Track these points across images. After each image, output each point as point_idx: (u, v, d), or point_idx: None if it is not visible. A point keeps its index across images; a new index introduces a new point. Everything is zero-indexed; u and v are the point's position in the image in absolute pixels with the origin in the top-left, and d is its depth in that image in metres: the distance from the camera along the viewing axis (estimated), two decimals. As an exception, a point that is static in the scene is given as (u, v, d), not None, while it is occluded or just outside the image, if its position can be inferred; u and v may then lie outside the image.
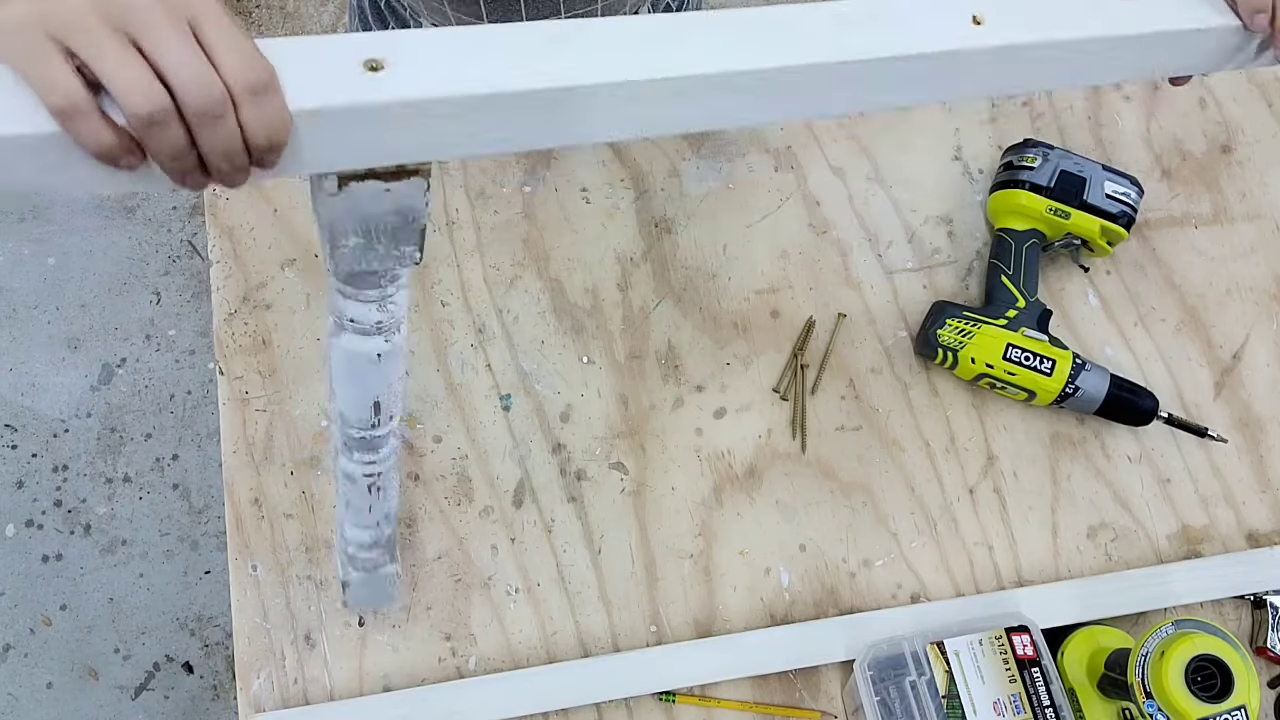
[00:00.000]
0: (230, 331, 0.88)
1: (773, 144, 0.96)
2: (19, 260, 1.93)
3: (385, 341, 0.55)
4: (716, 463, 0.87)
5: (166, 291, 1.92)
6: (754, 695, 0.81)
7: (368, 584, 0.75)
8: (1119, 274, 0.94)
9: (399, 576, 0.78)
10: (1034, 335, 0.86)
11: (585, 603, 0.83)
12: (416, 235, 0.48)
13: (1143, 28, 0.53)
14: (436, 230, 0.92)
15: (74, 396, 1.84)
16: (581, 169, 0.94)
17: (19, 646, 1.72)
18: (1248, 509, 0.88)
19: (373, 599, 0.78)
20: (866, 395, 0.89)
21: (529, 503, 0.85)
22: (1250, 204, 0.97)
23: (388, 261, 0.49)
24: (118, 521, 1.78)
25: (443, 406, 0.87)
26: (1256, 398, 0.91)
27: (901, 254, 0.94)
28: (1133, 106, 0.99)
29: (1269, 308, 0.94)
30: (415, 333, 0.89)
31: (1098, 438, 0.89)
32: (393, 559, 0.75)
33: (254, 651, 0.81)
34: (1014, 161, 0.91)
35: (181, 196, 1.96)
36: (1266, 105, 1.00)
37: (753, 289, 0.92)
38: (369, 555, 0.75)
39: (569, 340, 0.89)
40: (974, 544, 0.86)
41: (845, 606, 0.84)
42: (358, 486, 0.67)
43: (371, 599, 0.78)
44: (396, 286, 0.53)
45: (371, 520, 0.70)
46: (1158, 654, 0.70)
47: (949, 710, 0.73)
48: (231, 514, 0.84)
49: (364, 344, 0.54)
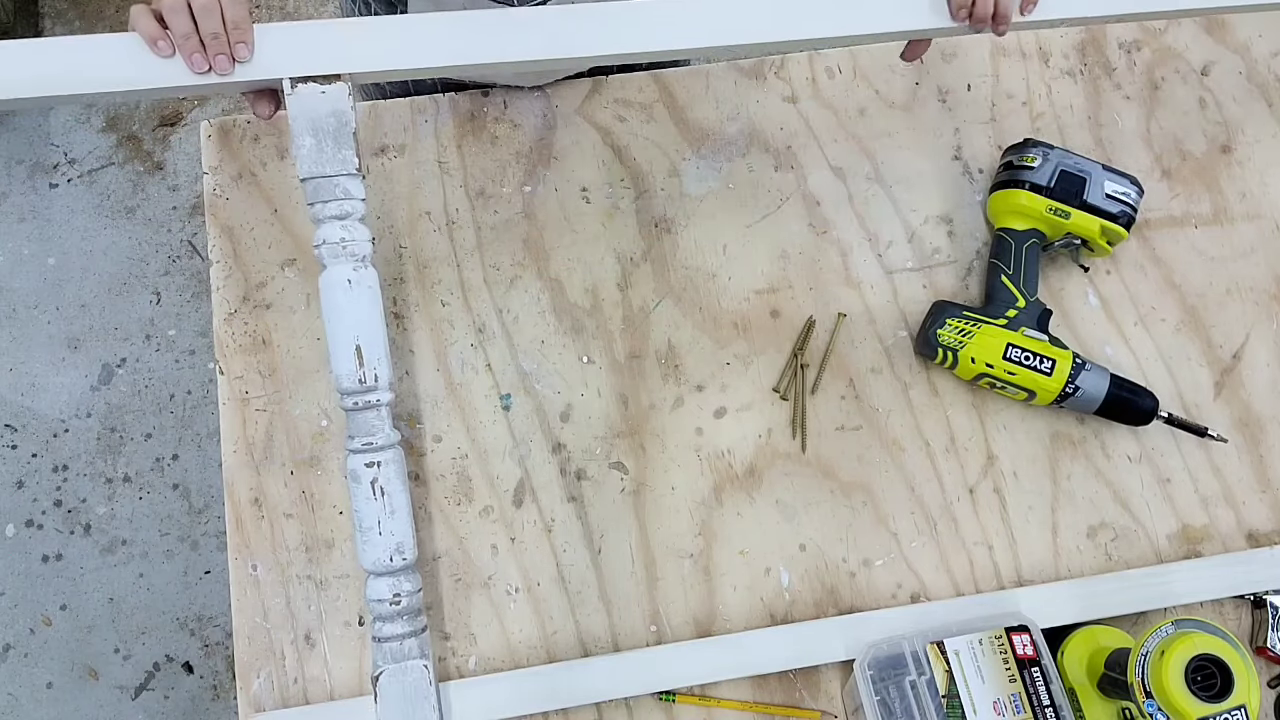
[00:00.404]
0: (230, 331, 0.88)
1: (773, 144, 0.96)
2: (19, 260, 1.93)
3: (354, 270, 0.69)
4: (716, 462, 0.87)
5: (166, 291, 1.92)
6: (754, 695, 0.81)
7: (397, 681, 0.69)
8: (1119, 274, 0.94)
9: (431, 674, 0.71)
10: (1034, 335, 0.86)
11: (585, 602, 0.83)
12: (351, 139, 0.69)
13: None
14: (436, 230, 0.92)
15: (74, 396, 1.84)
16: (582, 169, 0.94)
17: (19, 646, 1.72)
18: (1248, 509, 0.88)
19: (406, 708, 0.69)
20: (866, 395, 0.89)
21: (529, 502, 0.85)
22: (1250, 204, 0.97)
23: (335, 164, 0.68)
24: (118, 521, 1.78)
25: (443, 406, 0.87)
26: (1256, 398, 0.91)
27: (901, 254, 0.94)
28: (1133, 106, 0.99)
29: (1269, 308, 0.94)
30: (415, 333, 0.89)
31: (1098, 438, 0.89)
32: (423, 653, 0.69)
33: (254, 651, 0.81)
34: (1014, 161, 0.90)
35: (181, 196, 1.96)
36: (1266, 105, 1.00)
37: (753, 289, 0.92)
38: (394, 629, 0.70)
39: (569, 340, 0.89)
40: (974, 544, 0.86)
41: (845, 606, 0.84)
42: (362, 488, 0.70)
43: (404, 708, 0.69)
44: (354, 204, 0.70)
45: (385, 550, 0.69)
46: (1158, 654, 0.70)
47: (949, 710, 0.73)
48: (231, 514, 0.84)
49: (338, 272, 0.69)
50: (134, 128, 2.03)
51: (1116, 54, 1.01)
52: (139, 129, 2.02)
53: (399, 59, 0.72)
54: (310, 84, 0.69)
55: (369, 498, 0.70)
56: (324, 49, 0.70)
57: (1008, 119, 0.98)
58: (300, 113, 0.68)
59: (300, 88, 0.68)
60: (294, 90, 0.69)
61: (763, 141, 0.96)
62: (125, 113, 2.04)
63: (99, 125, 2.03)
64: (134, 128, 2.03)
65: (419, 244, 0.91)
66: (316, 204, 0.69)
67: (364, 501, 0.70)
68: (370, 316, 0.70)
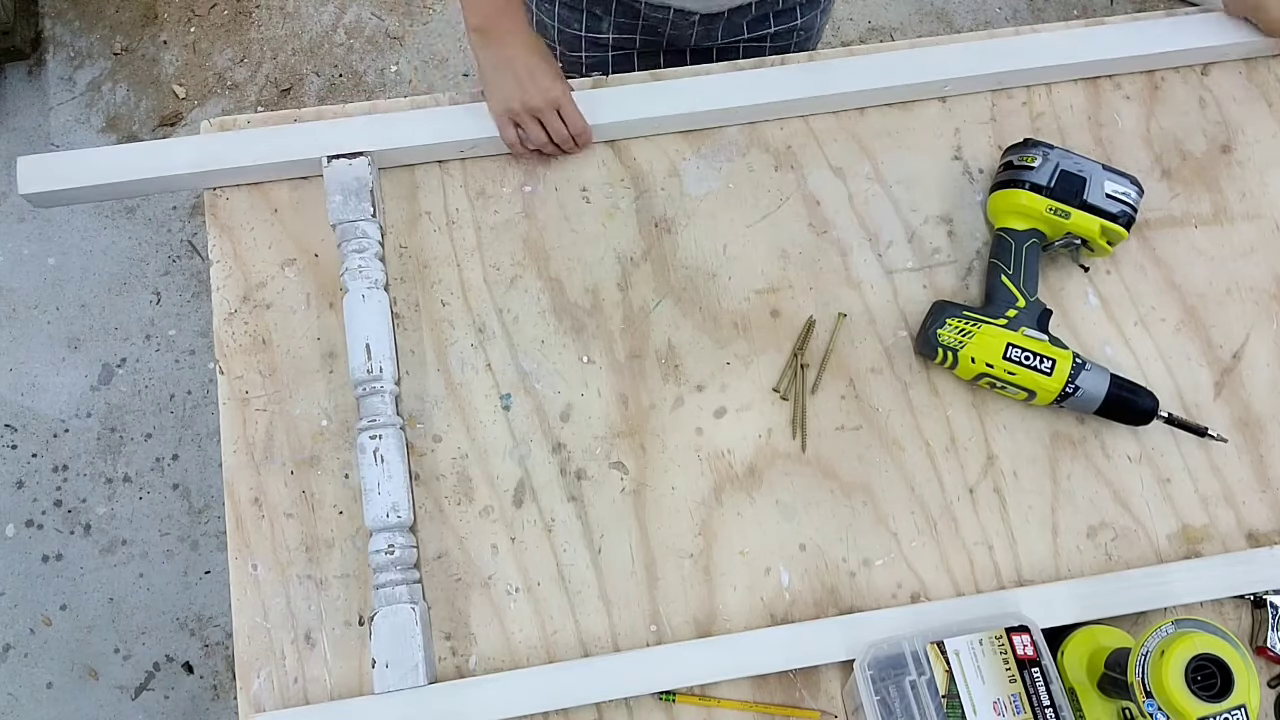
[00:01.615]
0: (230, 331, 0.88)
1: (773, 144, 0.96)
2: (19, 260, 1.93)
3: (367, 287, 0.86)
4: (716, 462, 0.87)
5: (166, 291, 1.92)
6: (754, 695, 0.81)
7: (389, 621, 0.78)
8: (1119, 274, 0.94)
9: (418, 618, 0.77)
10: (1034, 335, 0.86)
11: (585, 602, 0.83)
12: (369, 195, 0.88)
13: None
14: (437, 230, 0.92)
15: (74, 396, 1.84)
16: (581, 169, 0.94)
17: (19, 646, 1.72)
18: (1248, 509, 0.88)
19: (395, 645, 0.78)
20: (866, 395, 0.89)
21: (529, 502, 0.85)
22: (1250, 204, 0.97)
23: (356, 212, 0.88)
24: (118, 521, 1.78)
25: (443, 406, 0.87)
26: (1256, 398, 0.91)
27: (901, 254, 0.94)
28: (1133, 106, 0.99)
29: (1269, 308, 0.94)
30: (415, 332, 0.89)
31: (1098, 437, 0.89)
32: (413, 600, 0.79)
33: (254, 651, 0.81)
34: (1014, 161, 0.90)
35: (181, 197, 1.96)
36: (1266, 105, 1.00)
37: (753, 289, 0.92)
38: (388, 577, 0.79)
39: (569, 340, 0.89)
40: (974, 543, 0.86)
41: (845, 606, 0.84)
42: (366, 456, 0.82)
43: (394, 645, 0.78)
44: (369, 241, 0.88)
45: (382, 508, 0.80)
46: (1158, 653, 0.70)
47: (949, 710, 0.73)
48: (231, 514, 0.84)
49: (356, 286, 0.85)
50: (134, 127, 2.03)
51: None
52: (139, 129, 2.02)
53: (408, 139, 0.92)
54: (341, 159, 0.90)
55: (371, 464, 0.81)
56: (351, 134, 0.92)
57: (1008, 119, 0.98)
58: (331, 179, 0.89)
59: (335, 162, 0.89)
60: (330, 164, 0.89)
61: (763, 141, 0.96)
62: (125, 112, 2.04)
63: (99, 125, 2.03)
64: (134, 127, 2.03)
65: (419, 244, 0.91)
66: (343, 243, 0.88)
67: (367, 468, 0.81)
68: (379, 325, 0.85)
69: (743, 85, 0.94)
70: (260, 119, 0.93)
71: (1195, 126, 0.99)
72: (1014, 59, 0.97)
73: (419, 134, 0.91)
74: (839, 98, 0.95)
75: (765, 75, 0.95)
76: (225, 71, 2.08)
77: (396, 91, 2.07)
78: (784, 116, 0.96)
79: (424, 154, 0.93)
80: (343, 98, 2.05)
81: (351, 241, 0.87)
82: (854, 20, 2.17)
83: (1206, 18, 1.00)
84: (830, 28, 2.16)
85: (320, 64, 2.09)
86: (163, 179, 0.90)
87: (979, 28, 2.16)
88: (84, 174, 0.89)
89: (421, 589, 0.82)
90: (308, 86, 2.07)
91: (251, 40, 2.10)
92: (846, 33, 2.16)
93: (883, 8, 2.18)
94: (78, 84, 2.06)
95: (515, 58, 0.89)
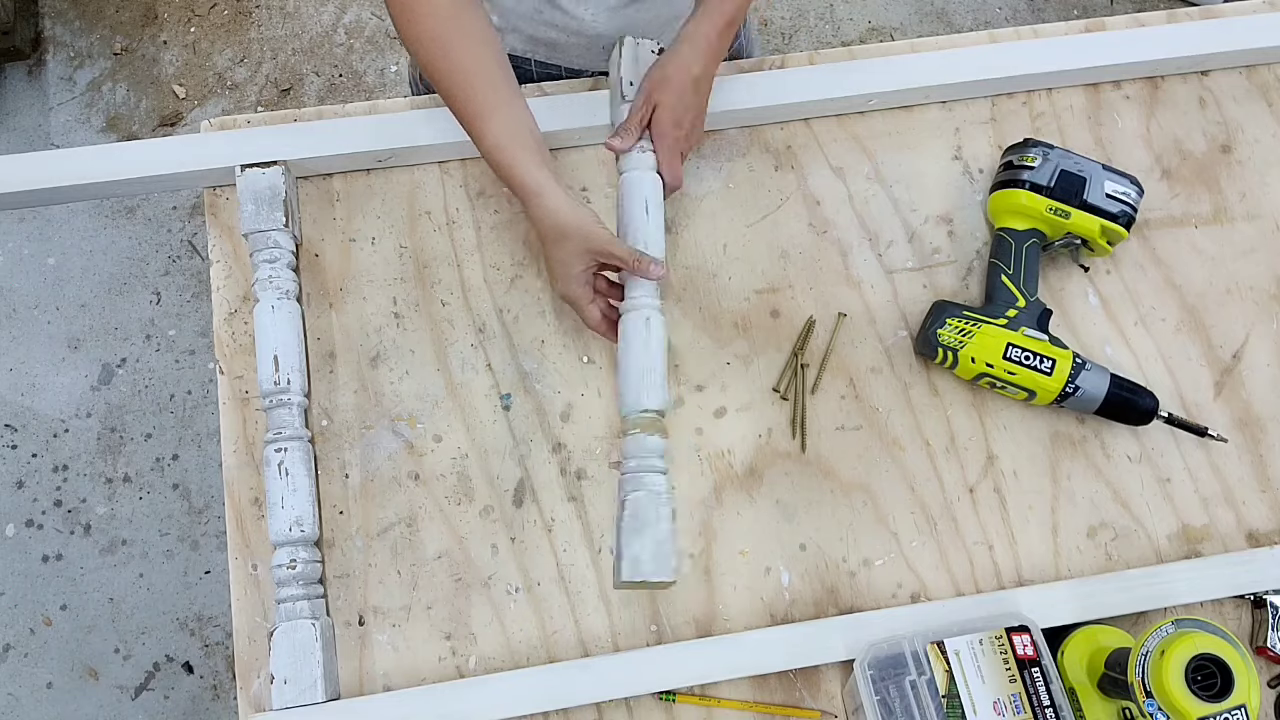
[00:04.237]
0: (230, 331, 0.88)
1: (773, 144, 0.96)
2: (19, 260, 1.93)
3: (277, 297, 0.84)
4: (716, 462, 0.87)
5: (166, 291, 1.92)
6: (754, 695, 0.81)
7: (288, 637, 0.77)
8: (1119, 274, 0.94)
9: (317, 634, 0.77)
10: (1034, 335, 0.86)
11: (585, 602, 0.83)
12: (281, 204, 0.87)
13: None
14: (436, 230, 0.92)
15: (74, 396, 1.84)
16: (582, 169, 0.94)
17: (19, 646, 1.72)
18: (1248, 509, 0.88)
19: (294, 661, 0.77)
20: (866, 395, 0.89)
21: (529, 502, 0.85)
22: (1250, 204, 0.97)
23: (268, 222, 0.86)
24: (118, 521, 1.78)
25: (443, 406, 0.87)
26: (1256, 398, 0.91)
27: (901, 254, 0.94)
28: (1133, 106, 0.99)
29: (1269, 308, 0.94)
30: (415, 332, 0.89)
31: (1098, 437, 0.89)
32: (314, 615, 0.78)
33: (254, 651, 0.81)
34: (1014, 161, 0.90)
35: (181, 197, 1.96)
36: (1266, 105, 1.00)
37: (753, 289, 0.92)
38: (290, 591, 0.78)
39: (569, 340, 0.89)
40: (974, 543, 0.86)
41: (845, 606, 0.84)
42: (271, 470, 0.81)
43: (292, 661, 0.77)
44: (281, 251, 0.86)
45: (285, 522, 0.80)
46: (1158, 653, 0.70)
47: (949, 710, 0.73)
48: (231, 514, 0.84)
49: (266, 297, 0.84)
50: (134, 128, 2.03)
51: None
52: (139, 129, 2.02)
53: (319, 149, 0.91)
54: (254, 168, 0.88)
55: (275, 477, 0.80)
56: (264, 144, 0.90)
57: (1008, 119, 0.98)
58: (244, 189, 0.87)
59: (248, 171, 0.88)
60: (243, 173, 0.88)
61: (763, 141, 0.96)
62: (125, 112, 2.04)
63: (99, 125, 2.03)
64: (134, 128, 2.03)
65: (419, 244, 0.91)
66: (253, 252, 0.87)
67: (272, 480, 0.80)
68: (288, 336, 0.84)
69: (743, 86, 0.94)
70: (260, 119, 0.93)
71: (1195, 126, 0.99)
72: (1015, 66, 0.96)
73: (419, 134, 0.91)
74: (840, 101, 0.95)
75: (766, 77, 0.95)
76: (225, 71, 2.08)
77: (396, 91, 2.07)
78: (785, 120, 0.96)
79: (425, 154, 0.92)
80: (343, 98, 2.05)
81: (263, 251, 0.86)
82: (854, 20, 2.17)
83: (1207, 22, 1.00)
84: (830, 28, 2.16)
85: (320, 64, 2.09)
86: (162, 178, 0.89)
87: (979, 28, 2.16)
88: (64, 174, 0.93)
89: (325, 604, 0.81)
90: (308, 86, 2.07)
91: (251, 40, 2.10)
92: (846, 33, 2.16)
93: (883, 8, 2.18)
94: (78, 84, 2.06)
95: (543, 247, 0.82)
